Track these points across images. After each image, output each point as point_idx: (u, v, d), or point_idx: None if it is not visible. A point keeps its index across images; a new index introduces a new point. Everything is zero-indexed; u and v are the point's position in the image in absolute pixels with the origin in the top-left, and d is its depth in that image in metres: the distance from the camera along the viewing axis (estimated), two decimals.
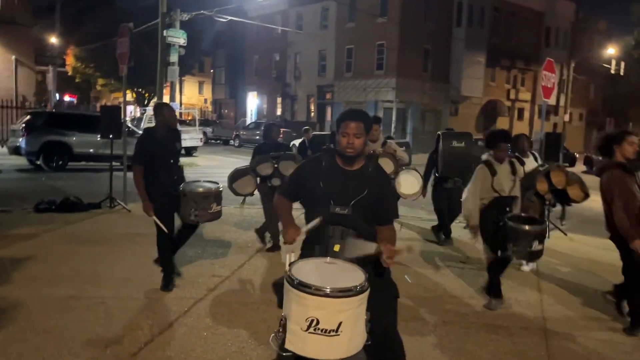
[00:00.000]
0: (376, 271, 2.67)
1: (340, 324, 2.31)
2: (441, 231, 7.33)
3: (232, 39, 42.03)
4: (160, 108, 5.00)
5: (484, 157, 4.87)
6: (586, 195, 6.24)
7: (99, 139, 10.63)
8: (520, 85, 38.08)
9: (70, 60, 31.36)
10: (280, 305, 2.57)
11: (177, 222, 4.98)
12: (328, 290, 2.31)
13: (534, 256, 4.64)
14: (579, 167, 22.96)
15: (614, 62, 33.21)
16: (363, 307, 2.42)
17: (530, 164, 6.33)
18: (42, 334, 3.76)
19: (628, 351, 3.97)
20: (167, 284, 4.86)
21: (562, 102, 33.06)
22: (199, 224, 5.18)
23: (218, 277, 5.30)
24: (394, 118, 30.83)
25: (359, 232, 2.71)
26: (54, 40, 29.14)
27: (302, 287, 2.34)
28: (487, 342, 4.02)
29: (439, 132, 7.56)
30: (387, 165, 5.86)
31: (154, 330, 3.91)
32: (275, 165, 6.15)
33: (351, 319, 2.34)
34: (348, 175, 2.78)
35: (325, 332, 2.30)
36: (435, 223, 7.49)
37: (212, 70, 49.74)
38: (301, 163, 3.16)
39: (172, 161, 4.87)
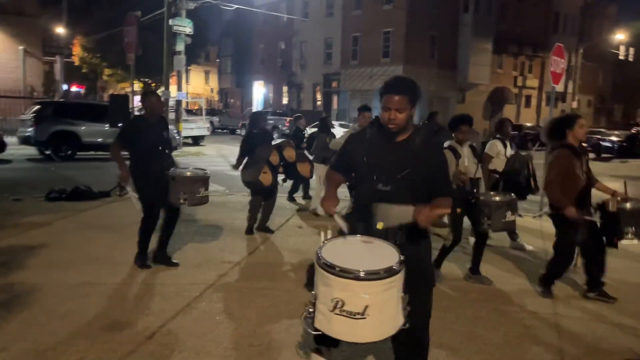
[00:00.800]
0: (411, 238, 2.58)
1: (366, 307, 2.23)
2: None
3: (238, 27, 41.86)
4: (148, 96, 5.04)
5: (447, 143, 4.99)
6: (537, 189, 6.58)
7: (107, 128, 10.71)
8: (527, 72, 37.78)
9: (77, 50, 31.37)
10: (308, 285, 2.54)
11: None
12: (352, 272, 2.24)
13: (508, 226, 5.03)
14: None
15: (623, 48, 32.84)
16: (393, 291, 2.30)
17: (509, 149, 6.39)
18: (58, 318, 3.82)
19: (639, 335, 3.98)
20: (143, 262, 5.02)
21: (570, 89, 32.82)
22: (178, 214, 5.25)
23: (228, 263, 5.35)
24: None
25: (400, 212, 2.56)
26: (61, 30, 29.15)
27: (328, 267, 2.30)
28: (498, 326, 4.04)
29: (440, 127, 7.53)
30: None
31: (167, 315, 3.96)
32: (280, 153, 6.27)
33: (379, 303, 2.26)
34: (393, 149, 2.63)
35: (350, 314, 2.25)
36: None
37: (218, 60, 49.63)
38: (349, 135, 2.99)
39: (160, 148, 4.93)
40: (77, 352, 3.33)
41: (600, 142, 23.96)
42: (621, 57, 33.15)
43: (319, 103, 36.83)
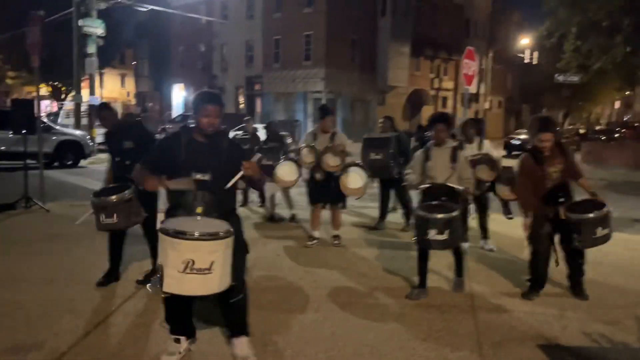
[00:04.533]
0: (226, 218, 3.14)
1: (212, 263, 2.82)
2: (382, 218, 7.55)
3: (154, 29, 40.51)
4: (99, 110, 5.03)
5: (429, 143, 4.84)
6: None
7: (10, 135, 9.99)
8: (443, 74, 39.44)
9: None
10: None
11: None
12: (200, 234, 2.80)
13: (430, 245, 4.44)
14: (499, 152, 24.08)
15: (528, 52, 35.11)
16: (229, 250, 2.95)
17: (472, 151, 6.07)
18: None
19: (549, 321, 4.20)
20: (101, 279, 4.79)
21: (482, 91, 34.62)
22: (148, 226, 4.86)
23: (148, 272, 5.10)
24: None
25: (218, 195, 3.19)
26: None
27: (178, 234, 2.80)
28: (421, 321, 4.13)
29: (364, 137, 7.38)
30: (333, 160, 5.94)
31: (79, 333, 3.71)
32: None
33: (220, 259, 2.86)
34: (206, 148, 3.26)
35: (200, 270, 2.79)
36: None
37: (134, 62, 47.80)
38: (160, 139, 3.56)
39: (117, 159, 4.73)
40: None
41: (511, 141, 25.56)
42: (526, 61, 35.40)
43: (241, 106, 36.42)
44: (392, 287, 4.95)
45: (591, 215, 4.41)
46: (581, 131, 32.11)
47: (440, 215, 4.30)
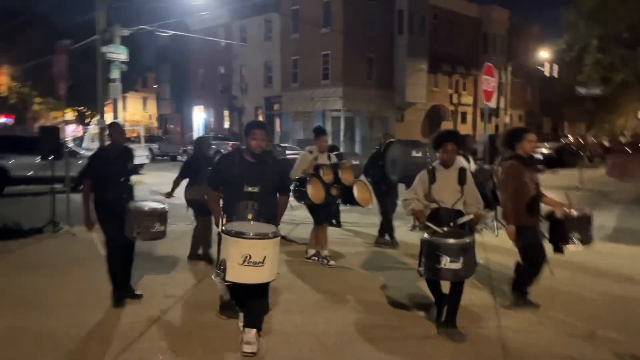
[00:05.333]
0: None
1: (264, 258, 3.45)
2: (386, 234, 7.56)
3: (175, 53, 41.35)
4: (109, 127, 5.22)
5: (435, 162, 4.60)
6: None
7: (38, 160, 10.24)
8: (462, 89, 39.27)
9: (4, 79, 30.02)
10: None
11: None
12: (255, 234, 3.50)
13: (441, 275, 4.03)
14: None
15: (547, 65, 34.79)
16: (277, 249, 3.60)
17: (472, 164, 6.59)
18: None
19: (579, 342, 4.11)
20: (117, 301, 4.82)
21: (502, 105, 34.36)
22: (133, 245, 5.15)
23: (171, 297, 5.14)
24: (342, 127, 31.14)
25: (265, 204, 3.88)
26: None
27: (239, 234, 3.50)
28: (446, 344, 4.07)
29: (390, 140, 7.76)
30: (347, 174, 6.47)
31: (106, 358, 3.74)
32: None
33: (271, 255, 3.51)
34: (255, 165, 3.97)
35: (255, 264, 3.43)
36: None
37: (155, 86, 48.73)
38: (218, 159, 4.25)
39: (122, 179, 4.92)
40: None
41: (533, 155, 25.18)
42: (546, 74, 35.04)
43: None
44: (416, 308, 4.89)
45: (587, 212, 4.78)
46: (605, 144, 31.55)
47: (453, 241, 3.97)
